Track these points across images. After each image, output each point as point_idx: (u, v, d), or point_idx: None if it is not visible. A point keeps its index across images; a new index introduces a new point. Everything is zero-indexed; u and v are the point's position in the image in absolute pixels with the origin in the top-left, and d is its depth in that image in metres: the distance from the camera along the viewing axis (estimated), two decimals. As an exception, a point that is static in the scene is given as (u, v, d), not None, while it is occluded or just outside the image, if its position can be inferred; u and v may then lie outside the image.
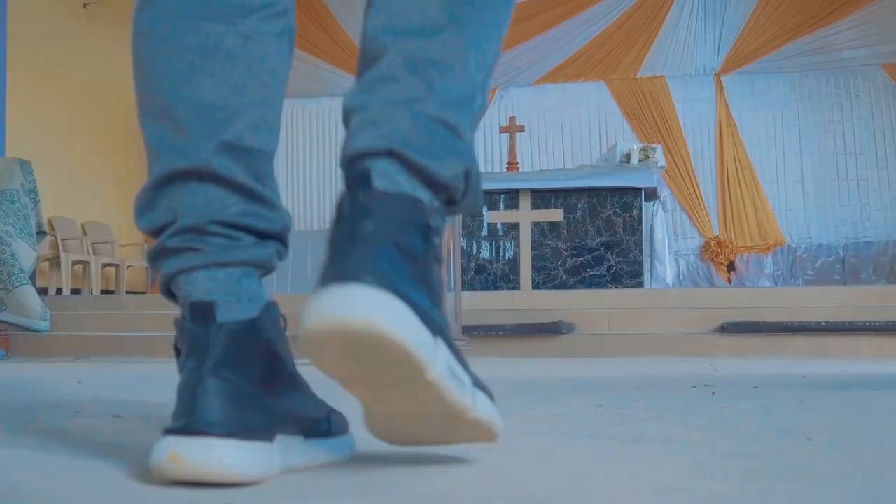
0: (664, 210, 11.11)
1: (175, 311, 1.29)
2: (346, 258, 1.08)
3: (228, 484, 1.11)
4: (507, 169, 9.83)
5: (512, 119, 9.78)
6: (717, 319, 6.88)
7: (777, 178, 11.89)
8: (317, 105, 12.94)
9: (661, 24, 11.81)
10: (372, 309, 1.02)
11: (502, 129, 9.84)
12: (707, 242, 11.70)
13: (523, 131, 10.14)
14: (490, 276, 9.05)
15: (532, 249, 8.84)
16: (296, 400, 1.30)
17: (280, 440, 1.22)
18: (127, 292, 11.29)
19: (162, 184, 1.37)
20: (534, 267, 8.82)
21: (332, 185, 12.83)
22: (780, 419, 1.97)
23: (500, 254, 9.11)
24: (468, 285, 8.78)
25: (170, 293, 1.33)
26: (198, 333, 1.22)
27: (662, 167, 10.03)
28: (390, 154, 1.17)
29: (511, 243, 9.07)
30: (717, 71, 12.06)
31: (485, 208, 9.18)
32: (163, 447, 1.12)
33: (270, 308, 1.29)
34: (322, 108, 12.94)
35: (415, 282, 1.09)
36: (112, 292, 11.35)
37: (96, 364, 5.89)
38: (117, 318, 8.05)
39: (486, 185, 9.18)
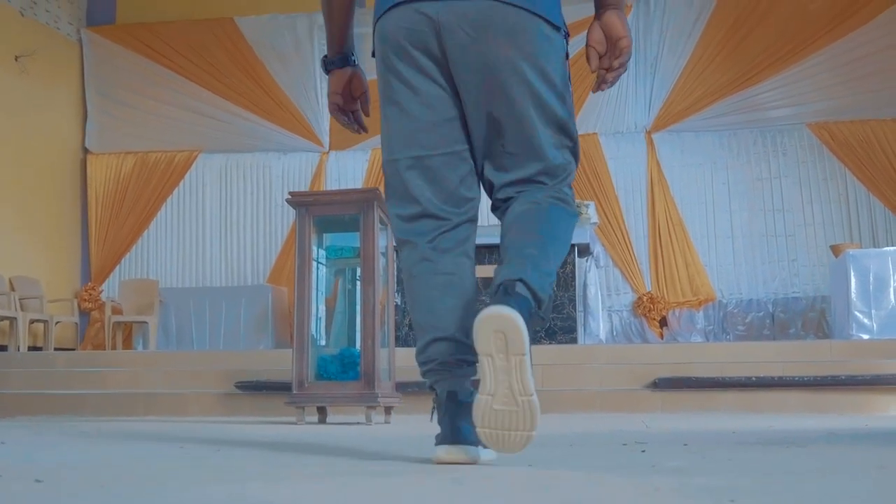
0: (597, 266, 11.20)
1: (101, 368, 1.32)
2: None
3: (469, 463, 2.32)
4: (442, 225, 9.83)
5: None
6: (650, 375, 6.93)
7: (707, 234, 12.03)
8: (251, 159, 12.89)
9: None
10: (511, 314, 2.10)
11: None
12: (640, 298, 11.79)
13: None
14: (424, 331, 9.02)
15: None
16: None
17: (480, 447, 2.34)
18: (55, 349, 11.09)
19: (428, 344, 2.49)
20: (468, 322, 8.80)
21: (266, 239, 12.75)
22: (706, 479, 1.98)
23: (435, 309, 9.08)
24: (402, 341, 8.75)
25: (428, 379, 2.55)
26: (453, 405, 2.41)
27: (595, 223, 10.14)
28: (522, 281, 2.26)
29: (445, 299, 9.05)
30: (648, 129, 12.24)
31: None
32: (441, 449, 2.35)
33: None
34: (256, 163, 12.89)
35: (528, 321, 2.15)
36: (40, 349, 11.14)
37: (22, 423, 5.76)
38: (45, 375, 7.90)
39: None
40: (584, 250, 9.41)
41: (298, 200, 5.77)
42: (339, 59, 2.73)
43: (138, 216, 12.85)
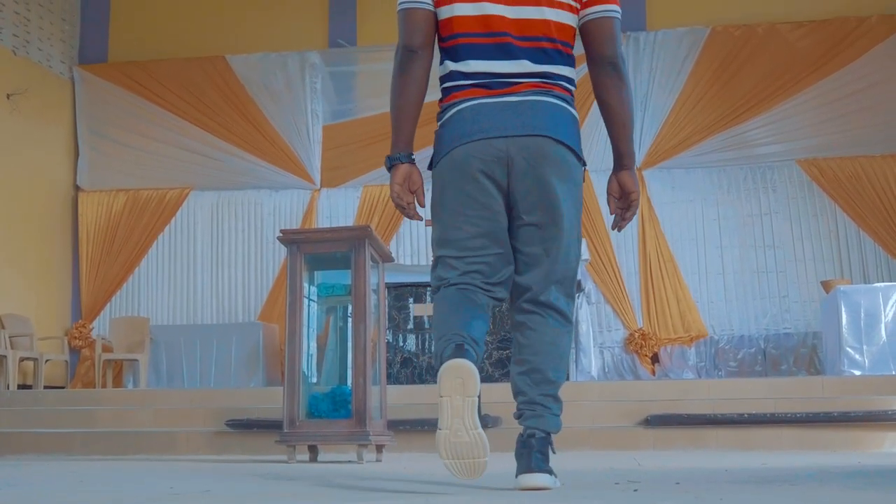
0: (589, 303, 11.19)
1: (91, 407, 1.32)
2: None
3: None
4: (433, 262, 9.85)
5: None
6: (642, 412, 6.91)
7: (698, 270, 12.03)
8: (242, 197, 12.88)
9: (584, 120, 12.00)
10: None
11: (427, 223, 9.87)
12: (631, 335, 11.78)
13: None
14: (416, 369, 9.02)
15: (458, 342, 8.81)
16: None
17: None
18: (45, 387, 11.03)
19: (447, 346, 2.96)
20: (460, 360, 8.78)
21: (257, 276, 12.73)
22: (699, 519, 1.98)
23: (426, 346, 9.10)
24: (393, 378, 8.74)
25: None
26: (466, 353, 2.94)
27: (586, 260, 10.15)
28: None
29: (437, 336, 9.04)
30: (638, 165, 12.28)
31: (410, 300, 9.18)
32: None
33: None
34: (247, 200, 12.88)
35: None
36: (29, 387, 11.08)
37: (10, 462, 5.73)
38: (34, 413, 7.86)
39: (411, 279, 9.19)
40: (576, 287, 9.41)
41: (290, 238, 5.77)
42: (404, 156, 3.15)
43: (129, 253, 12.82)
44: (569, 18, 3.09)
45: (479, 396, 2.78)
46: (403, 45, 3.09)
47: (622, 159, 3.25)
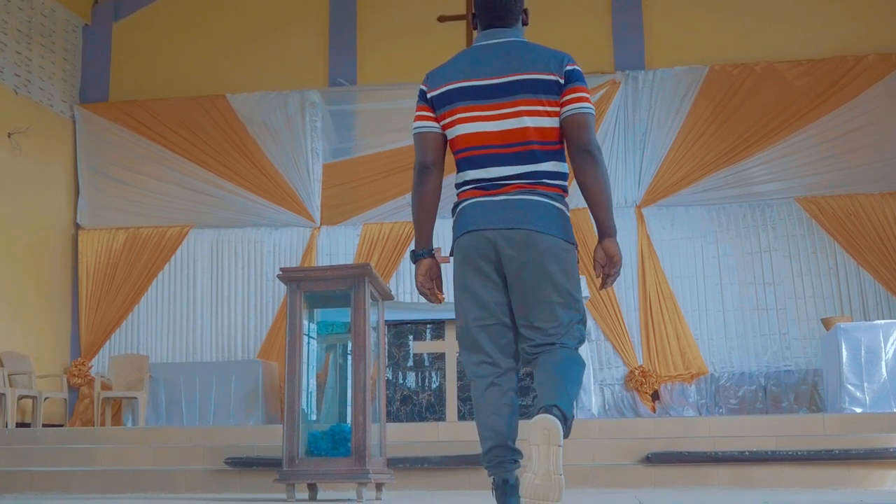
0: (588, 340, 11.17)
1: (89, 445, 1.31)
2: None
3: None
4: (433, 299, 9.84)
5: (437, 250, 9.82)
6: (643, 450, 6.88)
7: (699, 307, 12.02)
8: (242, 234, 12.90)
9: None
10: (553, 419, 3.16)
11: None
12: (631, 372, 11.76)
13: (448, 262, 10.18)
14: (416, 406, 9.00)
15: (458, 380, 8.82)
16: None
17: None
18: (44, 425, 10.99)
19: (491, 448, 3.54)
20: (459, 397, 8.79)
21: (257, 314, 12.72)
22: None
23: (426, 384, 9.08)
24: (393, 416, 8.71)
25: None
26: (507, 487, 3.54)
27: (586, 297, 10.13)
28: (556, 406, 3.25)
29: (437, 373, 9.05)
30: (637, 203, 12.31)
31: (410, 338, 9.17)
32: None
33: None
34: (247, 238, 12.89)
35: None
36: (28, 425, 11.04)
37: (10, 501, 5.70)
38: (33, 452, 7.82)
39: (411, 316, 9.19)
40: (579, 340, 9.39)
41: (289, 276, 5.77)
42: (426, 252, 3.81)
43: (129, 291, 12.83)
44: (548, 122, 3.59)
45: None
46: (419, 161, 3.73)
47: (605, 231, 3.66)
